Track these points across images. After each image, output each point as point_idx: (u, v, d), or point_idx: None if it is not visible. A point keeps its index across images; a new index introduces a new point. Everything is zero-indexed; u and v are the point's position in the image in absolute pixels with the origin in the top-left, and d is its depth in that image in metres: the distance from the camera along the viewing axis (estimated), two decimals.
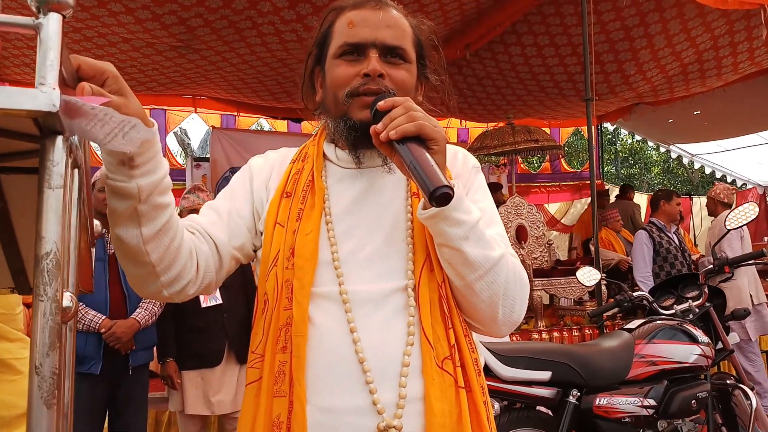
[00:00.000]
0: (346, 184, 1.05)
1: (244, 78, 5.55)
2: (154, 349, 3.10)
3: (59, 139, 0.47)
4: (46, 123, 0.45)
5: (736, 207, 2.82)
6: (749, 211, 2.74)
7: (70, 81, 0.58)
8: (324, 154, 1.09)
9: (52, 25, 0.46)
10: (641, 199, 10.87)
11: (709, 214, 5.13)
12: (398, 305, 0.95)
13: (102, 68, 0.72)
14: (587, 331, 4.33)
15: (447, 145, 0.93)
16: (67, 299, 0.49)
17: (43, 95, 0.43)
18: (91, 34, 4.40)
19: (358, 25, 1.01)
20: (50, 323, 0.45)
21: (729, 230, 2.85)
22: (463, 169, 1.10)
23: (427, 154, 0.87)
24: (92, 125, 0.49)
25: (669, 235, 4.78)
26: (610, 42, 5.18)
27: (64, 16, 0.48)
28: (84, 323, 2.71)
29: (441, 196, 0.83)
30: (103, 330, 2.73)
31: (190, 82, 5.62)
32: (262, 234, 1.04)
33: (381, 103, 0.92)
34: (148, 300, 2.94)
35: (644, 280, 4.62)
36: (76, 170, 0.60)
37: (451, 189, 0.84)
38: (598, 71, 5.42)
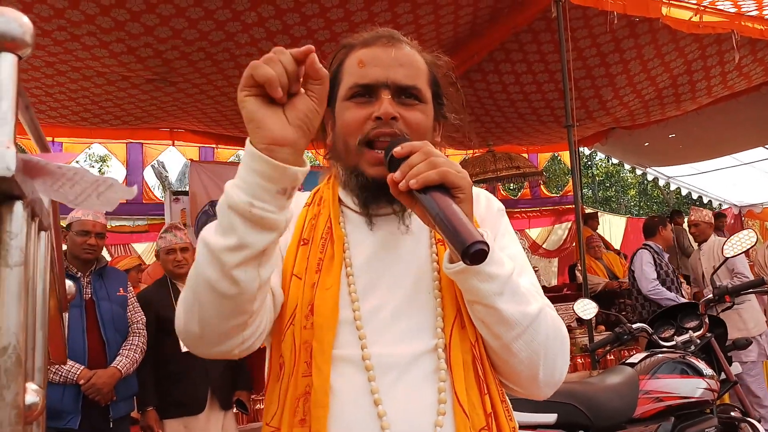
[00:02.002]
0: (365, 232, 0.96)
1: (221, 110, 5.48)
2: (134, 398, 2.94)
3: (18, 206, 0.38)
4: (0, 188, 0.36)
5: (732, 234, 2.80)
6: (747, 238, 2.71)
7: (39, 145, 0.49)
8: (340, 200, 1.00)
9: (4, 68, 0.37)
10: (619, 222, 10.99)
11: (697, 240, 5.05)
12: (427, 369, 0.85)
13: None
14: (579, 360, 4.27)
15: None
16: (32, 395, 0.40)
17: None
18: (64, 68, 4.31)
19: (368, 64, 0.93)
20: None
21: (727, 258, 2.82)
22: (488, 213, 1.00)
23: (455, 205, 0.78)
24: (59, 185, 0.41)
25: (665, 260, 4.78)
26: (587, 68, 5.25)
27: (20, 57, 0.39)
28: (60, 374, 2.55)
29: (476, 254, 0.73)
30: (82, 381, 2.57)
31: (167, 115, 5.54)
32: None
33: (397, 149, 0.83)
34: (128, 346, 2.79)
35: (653, 290, 4.57)
36: (42, 233, 0.51)
37: (487, 245, 0.74)
38: (576, 97, 5.47)
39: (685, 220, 5.03)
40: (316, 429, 0.80)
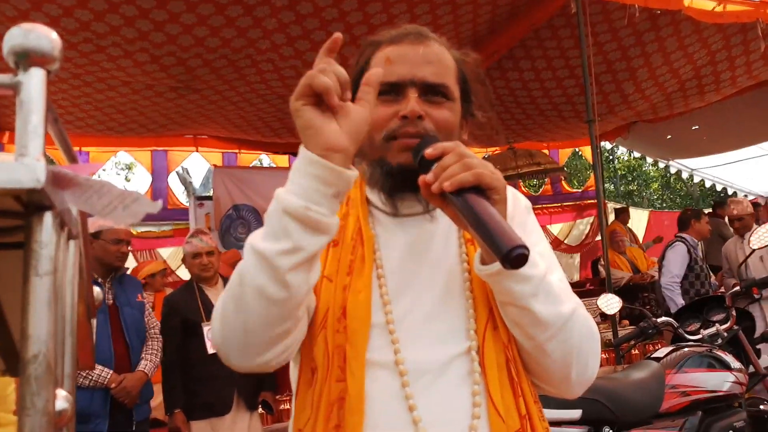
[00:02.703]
0: (395, 232, 0.94)
1: (244, 115, 5.54)
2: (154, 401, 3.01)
3: (48, 216, 0.40)
4: (31, 199, 0.38)
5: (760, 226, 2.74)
6: None
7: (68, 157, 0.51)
8: (368, 200, 0.99)
9: (34, 82, 0.39)
10: (641, 216, 10.82)
11: (740, 233, 4.77)
12: (461, 372, 0.85)
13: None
14: (603, 355, 4.22)
15: None
16: (62, 401, 0.42)
17: (25, 169, 0.36)
18: (90, 79, 4.40)
19: (395, 61, 0.92)
20: None
21: (754, 250, 2.76)
22: (516, 211, 0.97)
23: (491, 208, 0.76)
24: (87, 197, 0.42)
25: (699, 253, 4.71)
26: (607, 62, 5.18)
27: (49, 72, 0.40)
28: (91, 379, 2.62)
29: (517, 258, 0.72)
30: (113, 385, 2.64)
31: (190, 121, 5.61)
32: None
33: (429, 150, 0.81)
34: (149, 350, 2.86)
35: (669, 285, 4.51)
36: (72, 241, 0.53)
37: (527, 249, 0.73)
38: (597, 92, 5.40)
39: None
40: None
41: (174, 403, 2.93)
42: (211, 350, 2.95)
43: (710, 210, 8.03)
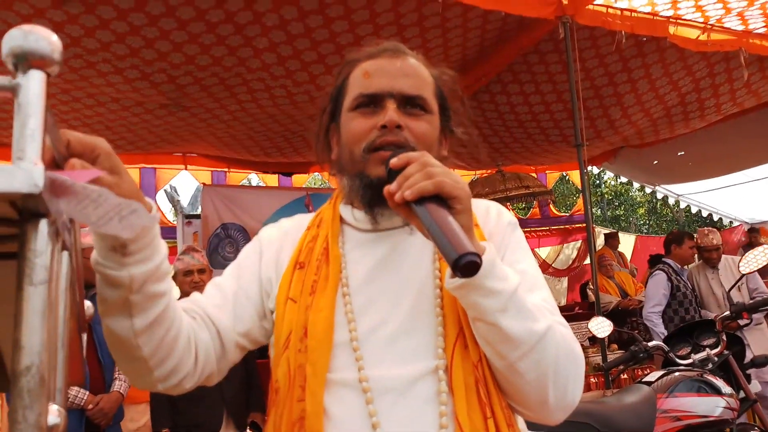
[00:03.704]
0: (365, 249, 0.94)
1: (234, 134, 5.54)
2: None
3: (43, 224, 0.38)
4: (26, 205, 0.37)
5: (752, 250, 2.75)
6: (764, 254, 2.67)
7: (59, 158, 0.50)
8: (341, 218, 0.98)
9: (33, 85, 0.38)
10: (628, 240, 10.89)
11: (712, 264, 4.86)
12: (428, 392, 0.82)
13: (93, 144, 0.64)
14: (592, 379, 4.20)
15: (481, 200, 0.84)
16: (54, 415, 0.40)
17: (23, 173, 0.35)
18: (79, 95, 4.38)
19: (374, 75, 0.93)
20: None
21: (744, 275, 2.78)
22: (497, 227, 0.97)
23: (449, 217, 0.75)
24: (83, 206, 0.41)
25: (683, 279, 4.70)
26: (594, 88, 5.26)
27: (48, 75, 0.39)
28: (66, 399, 2.56)
29: (466, 265, 0.70)
30: (90, 406, 2.58)
31: (180, 139, 5.60)
32: (273, 313, 0.93)
33: (394, 161, 0.81)
34: None
35: (649, 317, 4.51)
36: (64, 253, 0.51)
37: (479, 256, 0.71)
38: (585, 116, 5.47)
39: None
40: None
41: (162, 423, 2.86)
42: None
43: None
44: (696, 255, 4.89)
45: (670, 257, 4.78)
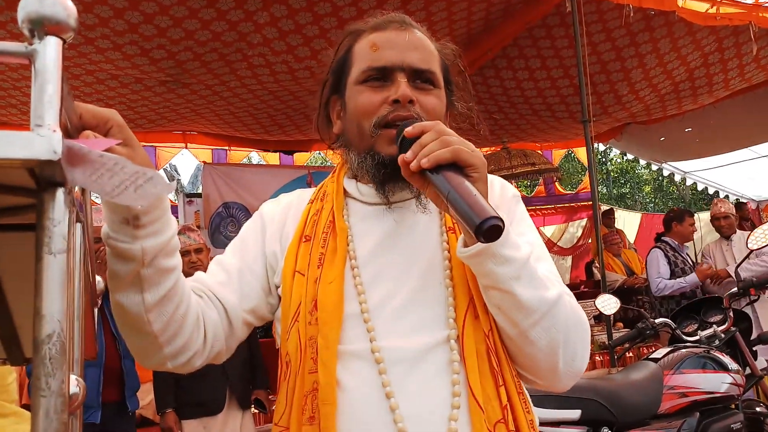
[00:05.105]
0: (371, 222, 0.93)
1: (234, 111, 5.50)
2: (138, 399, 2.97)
3: (60, 192, 0.37)
4: (44, 174, 0.36)
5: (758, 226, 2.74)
6: None
7: (72, 129, 0.49)
8: (345, 191, 0.98)
9: (49, 51, 0.37)
10: (633, 218, 10.87)
11: (722, 232, 4.86)
12: (440, 361, 0.83)
13: (107, 116, 0.63)
14: (597, 357, 4.23)
15: None
16: (74, 385, 0.40)
17: (41, 140, 0.34)
18: (78, 71, 4.34)
19: (382, 47, 0.91)
20: (55, 424, 0.35)
21: (752, 251, 2.77)
22: (502, 200, 0.97)
23: (467, 183, 0.75)
24: (99, 176, 0.40)
25: (683, 255, 4.70)
26: (601, 63, 5.19)
27: (64, 41, 0.38)
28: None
29: (490, 229, 0.70)
30: None
31: (180, 117, 5.56)
32: (279, 288, 0.93)
33: (409, 129, 0.81)
34: None
35: (657, 289, 4.52)
36: (78, 225, 0.50)
37: (502, 220, 0.72)
38: (592, 92, 5.42)
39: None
40: (325, 426, 0.78)
41: (165, 402, 2.88)
42: None
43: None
44: (694, 233, 4.91)
45: (670, 235, 4.77)
